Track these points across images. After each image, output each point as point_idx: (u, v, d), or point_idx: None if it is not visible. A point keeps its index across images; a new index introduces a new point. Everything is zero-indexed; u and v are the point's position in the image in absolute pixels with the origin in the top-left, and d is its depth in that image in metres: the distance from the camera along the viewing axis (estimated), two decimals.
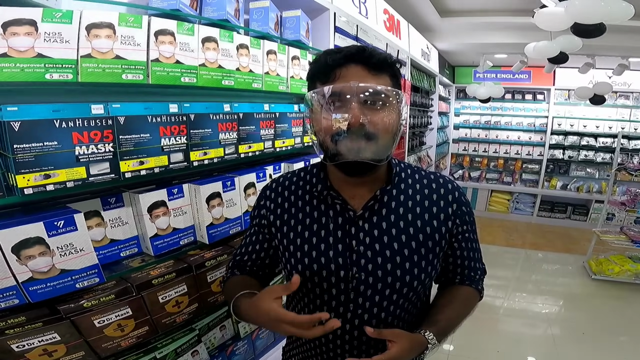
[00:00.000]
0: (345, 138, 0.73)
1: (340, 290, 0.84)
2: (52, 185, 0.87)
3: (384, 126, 0.74)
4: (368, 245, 0.83)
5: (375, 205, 0.84)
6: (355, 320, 0.85)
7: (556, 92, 6.02)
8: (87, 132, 0.92)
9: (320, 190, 0.87)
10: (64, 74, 0.88)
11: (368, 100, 0.73)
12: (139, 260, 1.17)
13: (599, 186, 5.87)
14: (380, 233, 0.83)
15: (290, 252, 0.88)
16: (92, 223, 1.06)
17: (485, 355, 2.73)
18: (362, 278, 0.83)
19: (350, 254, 0.83)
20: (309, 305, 0.90)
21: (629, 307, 3.42)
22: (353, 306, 0.84)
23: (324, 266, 0.84)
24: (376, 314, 0.84)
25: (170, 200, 1.19)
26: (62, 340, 0.96)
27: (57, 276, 0.90)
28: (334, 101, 0.73)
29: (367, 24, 2.54)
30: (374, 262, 0.82)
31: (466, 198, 0.92)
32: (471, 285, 0.96)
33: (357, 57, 0.75)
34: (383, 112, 0.74)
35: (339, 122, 0.72)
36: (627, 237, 3.88)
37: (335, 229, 0.84)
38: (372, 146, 0.74)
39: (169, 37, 1.09)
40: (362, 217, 0.83)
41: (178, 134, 1.14)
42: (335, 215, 0.85)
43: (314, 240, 0.85)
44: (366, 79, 0.74)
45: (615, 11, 2.19)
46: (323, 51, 0.82)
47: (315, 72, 0.79)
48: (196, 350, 1.35)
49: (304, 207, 0.89)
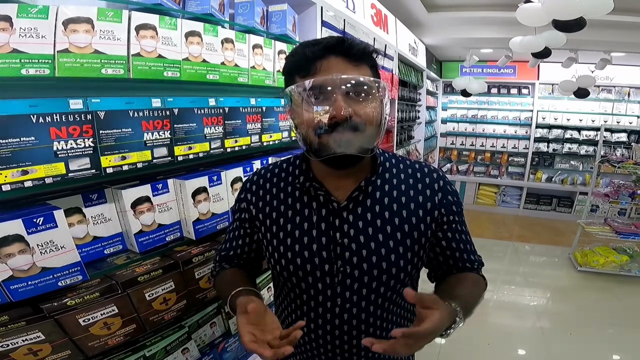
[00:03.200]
0: (331, 132, 0.71)
1: (326, 284, 0.84)
2: (31, 182, 0.85)
3: (368, 117, 0.74)
4: (352, 237, 0.81)
5: (360, 196, 0.82)
6: (344, 315, 0.84)
7: (540, 87, 6.12)
8: (66, 127, 0.90)
9: (302, 182, 0.85)
10: (41, 69, 0.86)
11: (351, 92, 0.72)
12: (124, 257, 1.15)
13: (583, 178, 5.99)
14: (364, 224, 0.81)
15: (273, 246, 0.87)
16: (74, 220, 1.04)
17: (477, 348, 2.76)
18: (348, 271, 0.82)
19: (335, 246, 0.81)
20: (295, 300, 0.90)
21: (614, 298, 3.49)
22: (340, 300, 0.84)
23: (307, 260, 0.83)
24: (364, 307, 0.84)
25: (154, 195, 1.17)
26: (46, 340, 0.94)
27: (39, 274, 0.88)
28: (317, 95, 0.72)
29: (355, 19, 2.53)
30: (358, 255, 0.81)
31: (452, 187, 0.90)
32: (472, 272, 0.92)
33: (337, 48, 0.74)
34: (367, 103, 0.74)
35: (324, 116, 0.71)
36: (611, 229, 3.96)
37: (318, 221, 0.83)
38: (359, 138, 0.73)
39: (151, 31, 1.07)
40: (346, 209, 0.82)
41: (161, 129, 1.12)
42: (318, 207, 0.84)
43: (297, 234, 0.84)
44: (347, 71, 0.73)
45: (592, 6, 2.21)
46: (299, 43, 0.80)
47: (294, 65, 0.77)
48: (186, 348, 1.34)
49: (286, 199, 0.87)
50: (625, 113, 5.84)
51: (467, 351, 2.74)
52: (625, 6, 3.57)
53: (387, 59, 3.24)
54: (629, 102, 5.83)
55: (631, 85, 5.77)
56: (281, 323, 0.96)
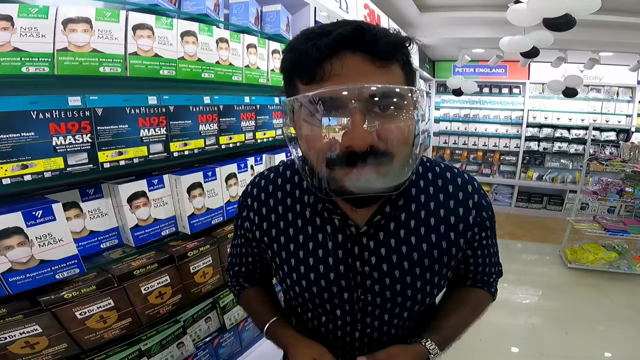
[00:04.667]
0: (347, 166, 0.54)
1: (345, 311, 0.75)
2: (30, 176, 0.88)
3: (401, 140, 0.55)
4: (374, 265, 0.70)
5: (382, 221, 0.69)
6: (364, 339, 0.79)
7: (531, 86, 6.19)
8: (65, 123, 0.92)
9: (313, 203, 0.72)
10: (41, 67, 0.90)
11: (377, 107, 0.53)
12: (120, 251, 1.17)
13: (573, 176, 6.08)
14: (388, 252, 0.70)
15: (285, 272, 0.76)
16: (71, 214, 1.06)
17: (469, 344, 2.80)
18: (369, 299, 0.73)
19: (355, 275, 0.71)
20: (313, 321, 0.82)
21: (603, 295, 3.53)
22: (361, 325, 0.77)
23: (325, 289, 0.73)
24: (386, 331, 0.78)
25: (150, 190, 1.19)
26: (43, 332, 0.96)
27: (37, 267, 0.90)
28: (326, 111, 0.52)
29: (348, 19, 2.56)
30: (381, 284, 0.71)
31: (487, 200, 0.77)
32: (483, 288, 0.86)
33: (354, 42, 0.52)
34: (399, 121, 0.54)
35: (336, 144, 0.52)
36: (600, 226, 4.02)
37: (335, 248, 0.71)
38: (387, 172, 0.55)
39: (147, 31, 1.10)
40: (367, 234, 0.70)
41: (157, 125, 1.15)
42: (333, 231, 0.71)
43: (310, 262, 0.72)
44: (371, 76, 0.52)
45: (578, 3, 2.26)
46: (300, 32, 0.58)
47: (293, 64, 0.56)
48: (182, 342, 1.36)
49: (295, 220, 0.74)
50: (614, 112, 5.93)
51: (459, 347, 2.78)
52: (613, 6, 3.63)
53: None
54: (618, 101, 5.92)
55: (620, 85, 5.85)
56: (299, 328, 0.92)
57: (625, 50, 4.66)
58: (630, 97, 5.88)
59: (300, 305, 0.81)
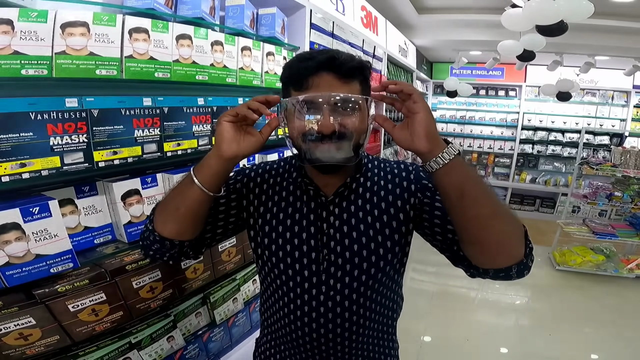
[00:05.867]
0: (318, 144, 0.77)
1: (311, 271, 0.89)
2: (28, 174, 0.91)
3: (353, 129, 0.78)
4: (337, 228, 0.88)
5: (345, 192, 0.89)
6: (328, 302, 0.89)
7: (527, 89, 6.25)
8: (62, 124, 0.96)
9: (295, 178, 0.94)
10: (39, 70, 0.93)
11: (339, 107, 0.77)
12: (113, 247, 1.21)
13: (565, 180, 6.15)
14: (348, 216, 0.88)
15: (265, 232, 0.93)
16: (66, 210, 1.10)
17: (456, 344, 2.86)
18: (332, 259, 0.88)
19: (321, 236, 0.88)
20: (282, 287, 0.93)
21: (590, 297, 3.60)
22: (325, 288, 0.88)
23: (297, 247, 0.89)
24: (347, 294, 0.88)
25: (144, 189, 1.23)
26: (37, 325, 0.99)
27: (33, 261, 0.94)
28: (308, 108, 0.77)
29: (344, 21, 2.59)
30: (342, 244, 0.87)
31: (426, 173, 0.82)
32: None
33: (327, 65, 0.77)
34: (353, 117, 0.78)
35: (313, 129, 0.77)
36: (589, 229, 4.09)
37: (308, 212, 0.90)
38: (344, 149, 0.78)
39: (143, 34, 1.13)
40: (333, 202, 0.89)
41: (152, 126, 1.19)
42: (308, 200, 0.91)
43: (288, 222, 0.90)
44: (337, 88, 0.77)
45: (571, 10, 2.29)
46: (295, 56, 0.86)
47: (289, 78, 0.83)
48: (172, 336, 1.39)
49: (281, 191, 0.94)
50: (609, 116, 6.00)
51: (447, 346, 2.85)
52: (609, 10, 3.68)
53: (376, 60, 3.31)
54: (612, 106, 5.99)
55: (615, 89, 5.92)
56: (266, 314, 1.03)
57: (621, 55, 4.71)
58: (625, 101, 5.94)
59: (273, 266, 0.93)
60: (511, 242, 0.74)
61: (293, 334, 0.93)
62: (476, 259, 0.78)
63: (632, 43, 4.28)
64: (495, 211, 0.71)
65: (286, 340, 0.97)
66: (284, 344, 0.99)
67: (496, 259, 0.75)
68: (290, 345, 0.96)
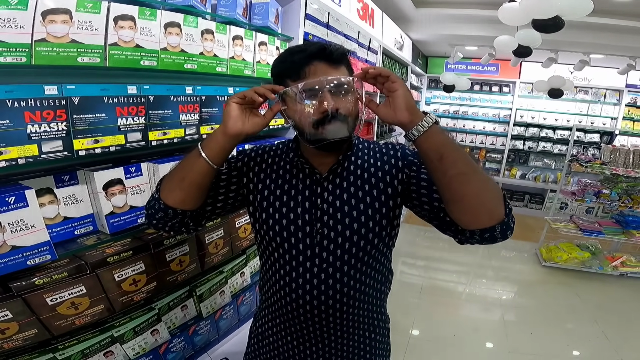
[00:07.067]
0: (323, 123, 0.83)
1: (306, 245, 0.94)
2: (4, 162, 0.88)
3: (350, 108, 0.86)
4: (330, 202, 0.93)
5: (338, 169, 0.95)
6: (321, 275, 0.93)
7: (521, 85, 6.26)
8: (40, 112, 0.92)
9: (292, 157, 0.99)
10: (18, 57, 0.89)
11: (335, 89, 0.84)
12: (95, 238, 1.17)
13: (555, 176, 6.20)
14: (340, 192, 0.94)
15: (263, 207, 0.98)
16: (45, 200, 1.06)
17: (443, 338, 2.89)
18: (325, 233, 0.93)
19: (315, 210, 0.93)
20: (279, 260, 0.98)
21: (574, 294, 3.65)
22: (318, 260, 0.93)
23: (292, 221, 0.94)
24: (339, 267, 0.94)
25: (127, 178, 1.20)
26: (14, 318, 0.97)
27: (8, 252, 0.91)
28: (309, 94, 0.83)
29: (340, 12, 2.54)
30: (334, 218, 0.92)
31: (411, 150, 1.00)
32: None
33: (320, 55, 0.85)
34: (348, 97, 0.85)
35: (317, 111, 0.83)
36: (575, 226, 4.14)
37: (303, 189, 0.96)
38: (345, 124, 0.85)
39: (129, 22, 1.10)
40: (327, 179, 0.94)
41: (136, 115, 1.15)
42: (304, 177, 0.96)
43: (284, 198, 0.96)
44: (330, 73, 0.85)
45: (570, 5, 2.27)
46: (285, 50, 0.93)
47: (284, 71, 0.88)
48: (156, 330, 1.38)
49: (278, 170, 1.00)
50: (600, 114, 6.04)
51: (433, 341, 2.87)
52: (606, 8, 3.68)
53: (371, 52, 3.27)
54: (604, 104, 6.03)
55: (608, 87, 5.96)
56: (264, 288, 1.07)
57: (615, 53, 4.72)
58: (617, 100, 5.98)
59: (270, 240, 0.98)
60: (491, 199, 0.80)
61: (288, 306, 0.98)
62: (461, 220, 0.82)
63: (628, 42, 4.29)
64: (472, 169, 0.78)
65: (282, 313, 1.01)
66: (279, 317, 1.03)
67: (478, 217, 0.80)
68: (286, 318, 1.00)
